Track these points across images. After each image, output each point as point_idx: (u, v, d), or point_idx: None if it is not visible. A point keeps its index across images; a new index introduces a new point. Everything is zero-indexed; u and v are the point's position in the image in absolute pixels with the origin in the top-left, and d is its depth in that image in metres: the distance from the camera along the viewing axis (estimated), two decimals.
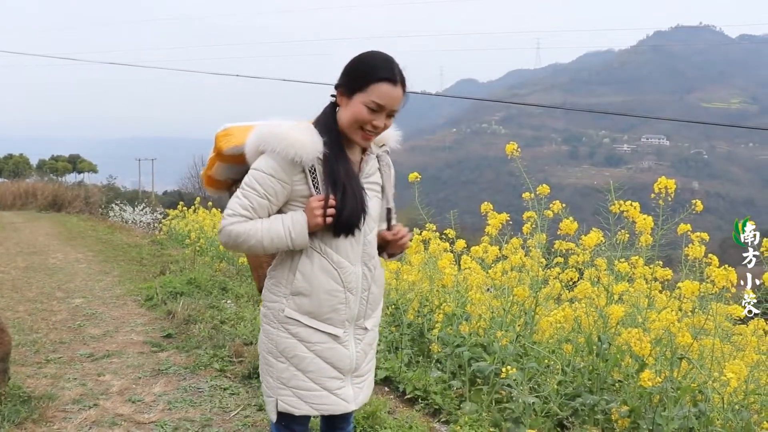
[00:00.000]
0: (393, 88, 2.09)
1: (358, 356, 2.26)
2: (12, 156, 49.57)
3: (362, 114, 2.10)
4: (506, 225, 4.65)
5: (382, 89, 2.08)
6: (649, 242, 4.02)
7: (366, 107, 2.09)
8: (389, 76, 2.09)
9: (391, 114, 2.14)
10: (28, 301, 7.07)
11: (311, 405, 2.19)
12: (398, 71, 2.11)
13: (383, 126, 2.14)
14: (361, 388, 2.32)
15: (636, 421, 3.56)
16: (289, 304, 2.16)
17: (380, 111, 2.10)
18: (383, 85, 2.08)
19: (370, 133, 2.14)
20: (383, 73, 2.09)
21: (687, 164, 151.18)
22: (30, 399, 3.84)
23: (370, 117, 2.10)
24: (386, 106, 2.10)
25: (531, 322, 4.41)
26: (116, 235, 14.75)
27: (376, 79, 2.08)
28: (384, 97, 2.09)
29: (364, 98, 2.09)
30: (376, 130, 2.14)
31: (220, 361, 4.84)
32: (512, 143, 4.22)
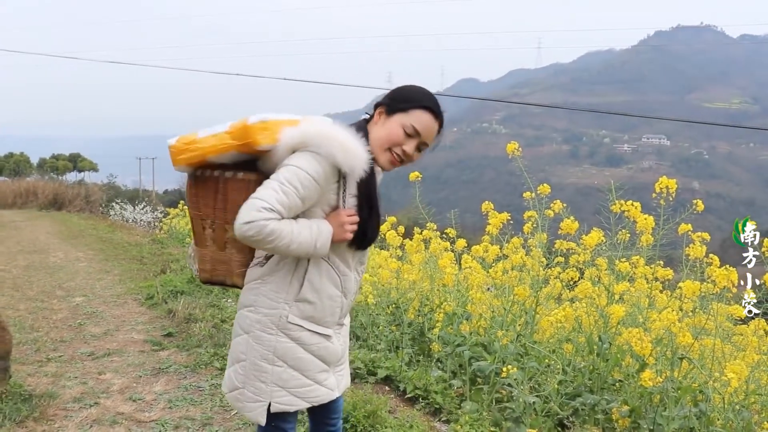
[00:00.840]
0: (433, 120, 2.15)
1: (342, 349, 2.34)
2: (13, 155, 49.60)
3: (398, 134, 2.13)
4: (507, 224, 4.65)
5: (424, 117, 2.14)
6: (650, 242, 4.02)
7: (403, 129, 2.13)
8: (433, 107, 2.16)
9: (422, 146, 2.18)
10: (29, 299, 7.08)
11: (304, 399, 2.22)
12: (441, 110, 2.18)
13: (411, 154, 2.16)
14: (342, 376, 2.39)
15: (636, 421, 3.56)
16: (293, 311, 2.15)
17: (415, 137, 2.14)
18: (426, 113, 2.15)
19: (396, 158, 2.15)
20: (428, 103, 2.16)
21: (687, 164, 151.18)
22: (31, 397, 3.85)
23: (404, 140, 2.13)
24: (422, 134, 2.14)
25: (532, 321, 4.41)
26: (117, 233, 14.75)
27: (420, 105, 2.15)
28: (423, 124, 2.14)
29: (403, 120, 2.13)
30: (404, 156, 2.15)
31: (220, 360, 4.84)
32: (513, 143, 4.22)
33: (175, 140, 2.20)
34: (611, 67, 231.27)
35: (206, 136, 2.15)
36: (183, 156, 2.17)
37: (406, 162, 2.18)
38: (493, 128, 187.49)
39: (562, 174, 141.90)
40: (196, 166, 2.19)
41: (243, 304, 2.23)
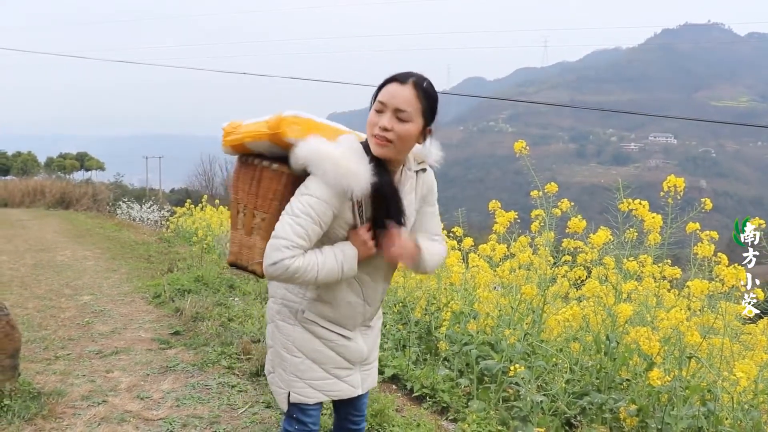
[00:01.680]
0: (399, 87, 2.06)
1: (368, 349, 2.37)
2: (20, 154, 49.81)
3: (371, 117, 2.09)
4: (514, 223, 4.65)
5: (387, 89, 2.07)
6: (657, 241, 4.01)
7: (374, 110, 2.08)
8: (397, 77, 2.08)
9: (401, 116, 2.05)
10: (37, 298, 7.10)
11: (323, 392, 2.28)
12: (413, 75, 2.08)
13: (389, 126, 2.04)
14: (369, 375, 2.43)
15: (644, 420, 3.56)
16: (310, 308, 2.22)
17: (385, 110, 2.06)
18: (389, 85, 2.07)
19: (380, 138, 2.06)
20: (393, 77, 2.09)
21: (695, 163, 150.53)
22: (40, 395, 3.86)
23: (376, 119, 2.07)
24: (388, 103, 2.05)
25: (539, 320, 4.40)
26: (124, 232, 14.78)
27: (385, 83, 2.09)
28: (386, 94, 2.06)
29: (374, 103, 2.10)
30: (384, 132, 2.05)
31: (228, 359, 4.85)
32: (520, 141, 4.22)
33: (227, 124, 2.30)
34: (618, 66, 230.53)
35: (250, 123, 2.21)
36: (228, 138, 2.26)
37: (393, 139, 2.06)
38: (499, 127, 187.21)
39: (569, 173, 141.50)
40: (239, 151, 2.29)
41: (269, 294, 2.32)
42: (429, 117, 2.11)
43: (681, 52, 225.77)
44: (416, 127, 2.08)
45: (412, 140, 2.11)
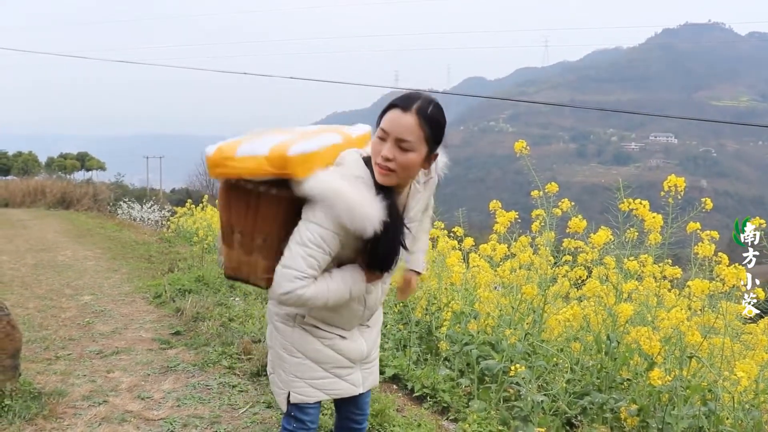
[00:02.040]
0: (401, 114, 2.00)
1: (368, 347, 2.38)
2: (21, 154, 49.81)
3: (374, 145, 2.05)
4: (514, 223, 4.65)
5: (389, 116, 2.02)
6: (658, 240, 4.01)
7: (377, 138, 2.04)
8: (398, 103, 2.03)
9: (403, 146, 2.00)
10: (38, 298, 7.10)
11: (324, 391, 2.29)
12: (417, 101, 2.02)
13: (390, 156, 2.00)
14: (370, 373, 2.43)
15: (645, 420, 3.56)
16: (310, 312, 2.23)
17: (387, 138, 2.01)
18: (390, 112, 2.02)
19: (383, 167, 2.02)
20: (396, 102, 2.04)
21: (695, 162, 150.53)
22: (40, 395, 3.86)
23: (379, 147, 2.02)
24: (390, 131, 2.00)
25: (539, 320, 4.40)
26: (124, 232, 14.78)
27: (388, 108, 2.05)
28: (388, 122, 2.01)
29: (377, 129, 2.06)
30: (385, 162, 2.01)
31: (228, 359, 4.85)
32: (521, 141, 4.22)
33: (213, 151, 2.14)
34: (618, 65, 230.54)
35: (245, 156, 2.07)
36: (218, 170, 2.13)
37: (395, 168, 2.02)
38: (500, 127, 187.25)
39: (569, 172, 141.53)
40: (229, 177, 2.16)
41: (269, 296, 2.28)
42: (433, 144, 2.07)
43: (681, 52, 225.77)
44: (419, 156, 2.04)
45: (415, 168, 2.07)
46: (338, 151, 2.11)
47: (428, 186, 2.28)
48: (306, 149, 2.01)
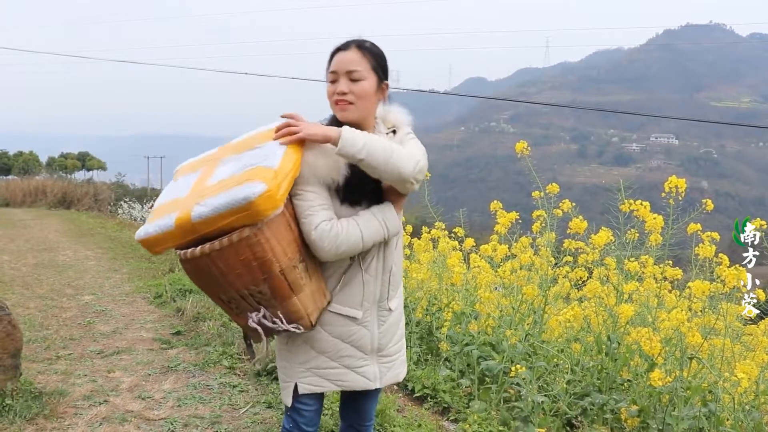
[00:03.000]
0: (344, 53, 2.15)
1: (381, 336, 2.24)
2: (22, 153, 49.88)
3: (328, 89, 2.17)
4: (515, 224, 4.65)
5: (334, 59, 2.16)
6: (659, 241, 4.01)
7: (329, 82, 2.16)
8: (339, 47, 2.17)
9: (354, 77, 2.13)
10: (39, 297, 7.11)
11: (332, 381, 2.20)
12: (352, 41, 2.18)
13: (349, 90, 2.13)
14: (390, 368, 2.30)
15: (645, 421, 3.56)
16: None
17: (338, 78, 2.14)
18: (335, 56, 2.17)
19: (341, 102, 2.13)
20: (335, 47, 2.19)
21: (696, 163, 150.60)
22: (41, 395, 3.87)
23: (333, 87, 2.15)
24: (339, 70, 2.14)
25: (540, 321, 4.41)
26: (125, 232, 14.79)
27: (330, 56, 2.18)
28: (335, 63, 2.15)
29: (327, 76, 2.18)
30: (342, 96, 2.13)
31: (229, 359, 4.85)
32: (522, 142, 4.22)
33: (142, 236, 2.08)
34: (619, 66, 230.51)
35: (154, 234, 2.01)
36: (159, 248, 2.08)
37: (353, 100, 2.13)
38: (500, 127, 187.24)
39: (570, 173, 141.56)
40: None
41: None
42: (381, 72, 2.19)
43: (683, 53, 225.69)
44: (371, 84, 2.15)
45: (371, 97, 2.17)
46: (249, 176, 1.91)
47: (396, 138, 2.25)
48: (201, 214, 1.88)
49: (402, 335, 2.38)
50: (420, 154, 2.16)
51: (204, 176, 2.09)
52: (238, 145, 2.16)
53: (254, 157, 1.98)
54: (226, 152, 2.16)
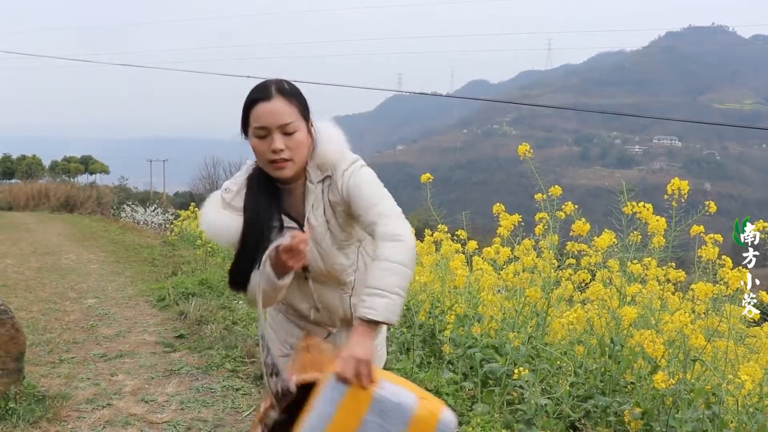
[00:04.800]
0: (267, 104, 1.94)
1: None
2: (25, 157, 49.93)
3: (257, 147, 1.97)
4: (518, 226, 4.64)
5: (258, 112, 1.94)
6: (661, 244, 4.01)
7: (256, 138, 1.96)
8: (258, 96, 1.95)
9: (287, 130, 1.95)
10: (42, 301, 7.12)
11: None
12: (272, 85, 1.97)
13: (286, 147, 1.95)
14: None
15: (649, 423, 3.55)
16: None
17: (269, 133, 1.94)
18: (257, 107, 1.95)
19: (279, 162, 1.96)
20: (253, 96, 1.96)
21: (699, 165, 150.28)
22: (44, 398, 3.87)
23: (264, 146, 1.95)
24: (268, 125, 1.93)
25: (543, 323, 4.40)
26: (128, 235, 14.82)
27: (249, 105, 1.97)
28: (261, 117, 1.94)
29: (251, 132, 1.97)
30: (279, 154, 1.94)
31: (232, 362, 4.85)
32: (525, 144, 4.22)
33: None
34: (622, 68, 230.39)
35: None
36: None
37: (291, 156, 1.96)
38: (503, 130, 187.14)
39: (573, 175, 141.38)
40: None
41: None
42: (307, 114, 2.02)
43: (685, 55, 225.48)
44: (304, 132, 2.00)
45: (306, 145, 2.01)
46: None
47: (331, 186, 2.07)
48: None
49: (383, 343, 2.42)
50: (388, 200, 2.02)
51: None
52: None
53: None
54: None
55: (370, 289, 1.84)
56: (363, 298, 1.85)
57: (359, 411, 1.72)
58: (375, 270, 1.89)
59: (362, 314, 1.82)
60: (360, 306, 1.84)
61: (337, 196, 2.05)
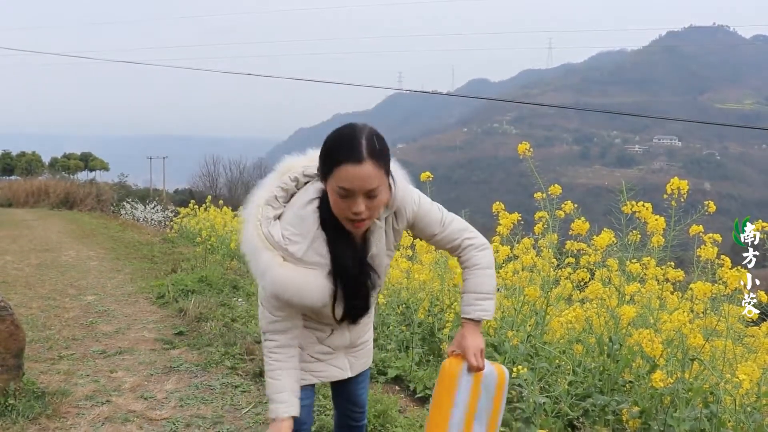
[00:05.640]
0: (357, 167, 1.84)
1: (352, 337, 2.34)
2: (25, 154, 49.96)
3: (337, 204, 1.92)
4: (517, 225, 4.65)
5: (343, 173, 1.85)
6: (661, 243, 4.01)
7: (337, 195, 1.89)
8: (349, 157, 1.84)
9: (371, 193, 1.89)
10: (41, 297, 7.12)
11: (312, 373, 2.29)
12: (363, 144, 1.86)
13: (367, 209, 1.91)
14: (358, 358, 2.40)
15: (647, 422, 3.55)
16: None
17: (351, 196, 1.88)
18: (344, 168, 1.85)
19: (359, 222, 1.94)
20: (343, 155, 1.85)
21: (699, 165, 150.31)
22: (44, 395, 3.88)
23: (344, 204, 1.90)
24: (353, 189, 1.87)
25: (542, 322, 4.41)
26: (127, 232, 14.82)
27: (336, 162, 1.86)
28: (348, 180, 1.85)
29: (332, 183, 1.89)
30: (362, 216, 1.92)
31: (231, 359, 4.86)
32: (525, 143, 4.22)
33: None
34: (622, 68, 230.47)
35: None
36: None
37: (370, 216, 1.95)
38: (503, 129, 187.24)
39: (573, 174, 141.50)
40: None
41: None
42: (389, 169, 1.96)
43: (686, 55, 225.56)
44: (386, 192, 1.96)
45: (385, 202, 2.00)
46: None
47: (398, 219, 2.14)
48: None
49: (371, 328, 2.48)
50: (456, 217, 2.26)
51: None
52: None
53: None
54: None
55: (481, 294, 2.23)
56: (474, 302, 2.22)
57: (478, 391, 2.14)
58: (479, 277, 2.25)
59: (478, 317, 2.21)
60: (473, 310, 2.21)
61: (402, 224, 2.16)
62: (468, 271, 2.26)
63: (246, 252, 2.02)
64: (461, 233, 2.23)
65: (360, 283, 2.10)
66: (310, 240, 1.99)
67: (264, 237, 1.98)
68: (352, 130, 1.89)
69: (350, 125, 1.92)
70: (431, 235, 2.22)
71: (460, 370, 2.11)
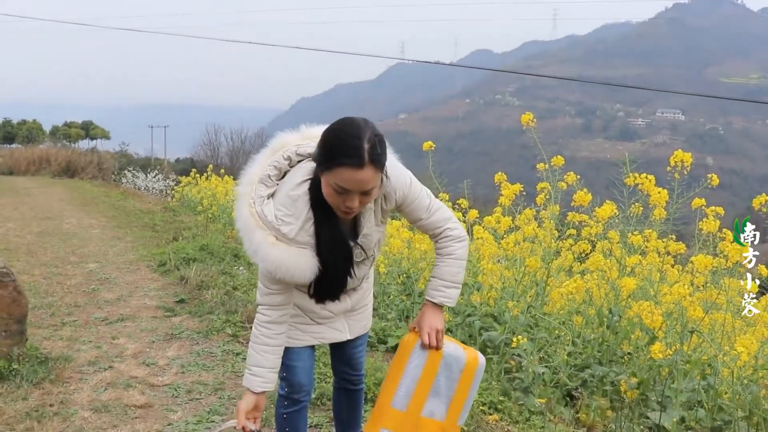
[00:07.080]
0: (358, 172, 1.87)
1: (353, 302, 2.37)
2: (26, 122, 49.85)
3: (332, 196, 1.95)
4: (519, 197, 4.64)
5: (343, 174, 1.88)
6: (662, 216, 4.01)
7: (333, 189, 1.92)
8: (350, 161, 1.86)
9: (366, 191, 1.94)
10: (43, 265, 7.15)
11: (312, 335, 2.33)
12: (365, 149, 1.86)
13: (359, 204, 1.96)
14: (357, 321, 2.43)
15: (644, 393, 3.59)
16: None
17: (347, 193, 1.92)
18: (344, 170, 1.87)
19: (347, 213, 2.00)
20: (345, 158, 1.87)
21: (702, 140, 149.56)
22: (47, 360, 3.91)
23: (340, 199, 1.94)
24: (350, 189, 1.90)
25: (542, 293, 4.42)
26: (129, 201, 14.83)
27: (337, 163, 1.88)
28: (346, 182, 1.89)
29: (330, 178, 1.91)
30: (353, 210, 1.97)
31: (232, 327, 4.89)
32: (527, 114, 4.20)
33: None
34: (627, 40, 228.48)
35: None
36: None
37: (361, 207, 2.01)
38: (506, 100, 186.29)
39: (575, 147, 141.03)
40: None
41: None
42: (384, 170, 1.99)
43: (692, 27, 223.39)
44: (378, 189, 2.01)
45: (376, 194, 2.04)
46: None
47: (387, 199, 2.17)
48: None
49: (371, 293, 2.52)
50: (443, 206, 2.27)
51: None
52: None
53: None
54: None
55: (448, 282, 2.28)
56: (441, 288, 2.28)
57: (434, 368, 2.24)
58: (451, 266, 2.28)
59: (441, 302, 2.29)
60: (438, 295, 2.28)
61: (391, 205, 2.18)
62: (441, 258, 2.30)
63: (239, 229, 2.06)
64: (445, 222, 2.27)
65: (342, 267, 2.15)
66: (302, 221, 2.02)
67: (257, 216, 2.01)
68: (355, 131, 1.89)
69: (353, 123, 1.92)
70: (416, 219, 2.24)
71: (414, 345, 2.25)
